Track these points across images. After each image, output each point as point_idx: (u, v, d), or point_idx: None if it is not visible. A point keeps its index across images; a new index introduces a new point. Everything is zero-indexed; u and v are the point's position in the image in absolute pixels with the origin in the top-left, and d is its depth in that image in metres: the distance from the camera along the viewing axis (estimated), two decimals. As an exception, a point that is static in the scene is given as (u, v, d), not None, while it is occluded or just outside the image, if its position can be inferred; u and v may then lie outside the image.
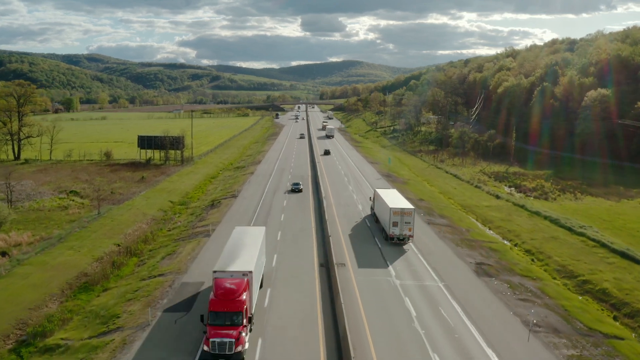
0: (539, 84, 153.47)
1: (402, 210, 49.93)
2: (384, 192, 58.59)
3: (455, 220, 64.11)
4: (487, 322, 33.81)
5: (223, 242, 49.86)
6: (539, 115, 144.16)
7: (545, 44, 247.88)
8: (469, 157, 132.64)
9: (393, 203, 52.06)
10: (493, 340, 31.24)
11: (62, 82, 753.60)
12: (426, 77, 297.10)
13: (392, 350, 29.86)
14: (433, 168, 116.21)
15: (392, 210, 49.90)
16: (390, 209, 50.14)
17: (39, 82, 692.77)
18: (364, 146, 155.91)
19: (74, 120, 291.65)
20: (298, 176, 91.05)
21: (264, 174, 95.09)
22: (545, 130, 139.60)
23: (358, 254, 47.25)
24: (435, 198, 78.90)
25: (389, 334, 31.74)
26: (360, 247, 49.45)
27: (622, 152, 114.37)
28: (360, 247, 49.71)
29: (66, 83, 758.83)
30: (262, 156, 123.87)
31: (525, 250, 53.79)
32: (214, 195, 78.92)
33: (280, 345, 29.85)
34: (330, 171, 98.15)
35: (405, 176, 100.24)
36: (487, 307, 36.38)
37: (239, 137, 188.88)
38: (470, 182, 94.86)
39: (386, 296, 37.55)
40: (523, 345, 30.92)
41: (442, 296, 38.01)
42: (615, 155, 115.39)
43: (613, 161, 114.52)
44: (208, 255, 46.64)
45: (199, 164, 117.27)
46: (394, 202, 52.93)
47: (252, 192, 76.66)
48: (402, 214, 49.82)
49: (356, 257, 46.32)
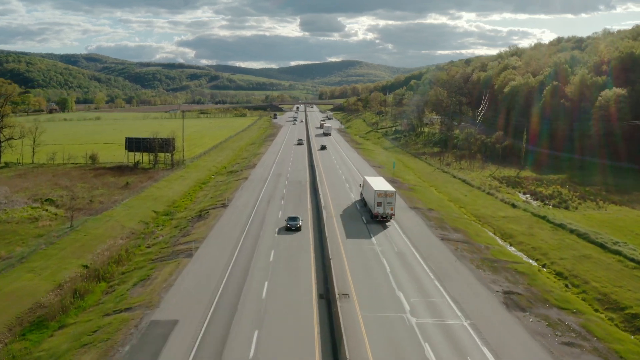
0: (548, 83, 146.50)
1: (385, 192, 58.62)
2: (370, 179, 66.85)
3: (471, 234, 57.00)
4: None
5: (205, 265, 42.93)
6: (549, 115, 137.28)
7: (550, 42, 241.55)
8: (476, 160, 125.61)
9: (378, 187, 60.43)
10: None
11: (59, 82, 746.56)
12: (428, 76, 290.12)
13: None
14: (439, 172, 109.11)
15: (377, 192, 58.41)
16: (375, 191, 58.69)
17: (36, 82, 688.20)
18: (365, 148, 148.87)
19: (67, 121, 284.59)
20: (295, 182, 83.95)
21: (258, 179, 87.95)
22: (555, 132, 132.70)
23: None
24: (445, 207, 71.77)
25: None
26: (353, 240, 42.55)
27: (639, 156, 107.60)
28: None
29: (63, 83, 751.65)
30: (258, 159, 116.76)
31: (556, 273, 46.65)
32: (203, 204, 71.77)
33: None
34: (330, 176, 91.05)
35: (410, 181, 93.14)
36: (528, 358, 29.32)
37: (234, 139, 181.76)
38: (482, 189, 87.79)
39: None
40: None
41: (470, 344, 30.91)
42: (633, 159, 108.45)
43: (631, 165, 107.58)
44: (186, 283, 39.54)
45: (191, 167, 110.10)
46: (379, 186, 61.35)
47: (245, 201, 69.52)
48: (385, 196, 58.36)
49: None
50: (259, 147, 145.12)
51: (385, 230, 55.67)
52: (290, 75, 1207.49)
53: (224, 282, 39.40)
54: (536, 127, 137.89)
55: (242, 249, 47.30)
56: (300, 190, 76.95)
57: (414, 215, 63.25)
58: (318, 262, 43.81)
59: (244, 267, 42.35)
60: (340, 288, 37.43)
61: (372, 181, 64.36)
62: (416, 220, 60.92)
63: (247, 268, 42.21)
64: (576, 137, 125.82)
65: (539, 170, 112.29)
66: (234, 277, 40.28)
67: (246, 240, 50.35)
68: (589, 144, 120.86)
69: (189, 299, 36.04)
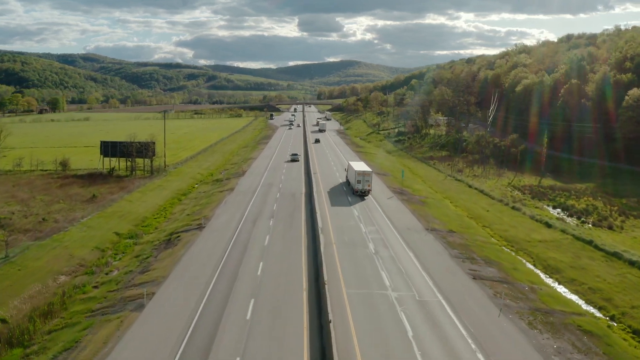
0: (566, 81, 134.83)
1: (363, 172, 72.35)
2: (354, 163, 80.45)
3: (507, 268, 45.09)
4: None
5: (157, 325, 31.00)
6: (568, 116, 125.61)
7: (559, 39, 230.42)
8: (490, 165, 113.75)
9: (358, 168, 74.69)
10: None
11: (54, 82, 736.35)
12: (431, 74, 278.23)
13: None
14: (451, 180, 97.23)
15: (357, 172, 72.08)
16: (355, 171, 72.44)
17: (31, 81, 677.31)
18: (366, 152, 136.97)
19: (54, 122, 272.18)
20: (288, 195, 71.98)
21: (246, 190, 75.96)
22: (575, 134, 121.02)
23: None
24: (467, 227, 59.86)
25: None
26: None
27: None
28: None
29: (59, 83, 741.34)
30: (249, 165, 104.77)
31: (632, 331, 34.80)
32: (177, 224, 59.78)
33: None
34: (329, 185, 79.09)
35: (421, 192, 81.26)
36: None
37: (227, 141, 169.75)
38: (504, 201, 75.94)
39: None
40: None
41: None
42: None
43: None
44: (126, 355, 27.64)
45: (173, 175, 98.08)
46: (359, 167, 75.41)
47: (226, 221, 57.55)
48: (363, 175, 71.78)
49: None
50: (252, 151, 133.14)
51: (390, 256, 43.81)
52: (289, 75, 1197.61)
53: (178, 355, 27.53)
54: (553, 129, 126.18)
55: (211, 298, 35.34)
56: (294, 206, 64.98)
57: (433, 240, 51.32)
58: (313, 328, 31.76)
59: (210, 333, 30.34)
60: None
61: (354, 165, 78.38)
62: (436, 247, 49.00)
63: (214, 333, 30.24)
64: (600, 140, 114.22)
65: (562, 178, 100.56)
66: (195, 348, 28.36)
67: (219, 283, 38.34)
68: (614, 148, 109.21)
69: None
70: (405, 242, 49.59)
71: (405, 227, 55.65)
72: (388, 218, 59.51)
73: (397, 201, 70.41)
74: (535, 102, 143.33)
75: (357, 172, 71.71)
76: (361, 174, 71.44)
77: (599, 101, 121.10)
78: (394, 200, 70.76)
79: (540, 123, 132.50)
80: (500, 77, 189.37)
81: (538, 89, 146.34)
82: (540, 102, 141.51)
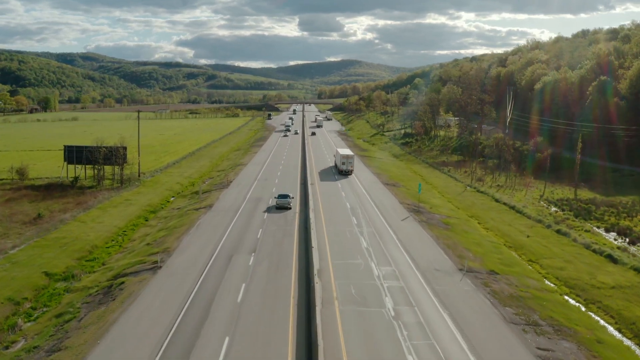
0: (594, 78, 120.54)
1: (347, 155, 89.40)
2: (340, 150, 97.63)
3: (588, 341, 30.83)
4: None
5: None
6: (597, 117, 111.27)
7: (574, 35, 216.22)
8: (512, 172, 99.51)
9: (343, 152, 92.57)
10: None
11: (51, 81, 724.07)
12: (437, 72, 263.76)
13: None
14: (472, 192, 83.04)
15: (342, 155, 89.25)
16: (341, 155, 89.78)
17: (28, 80, 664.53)
18: (371, 155, 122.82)
19: (39, 122, 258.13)
20: (279, 217, 57.88)
21: (227, 208, 61.78)
22: (608, 138, 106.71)
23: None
24: (511, 264, 45.56)
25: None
26: None
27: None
28: None
29: (56, 82, 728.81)
30: (237, 173, 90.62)
31: None
32: (129, 259, 45.60)
33: None
34: (328, 202, 64.88)
35: (440, 208, 67.08)
36: None
37: (218, 143, 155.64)
38: (544, 222, 61.76)
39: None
40: None
41: None
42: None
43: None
44: None
45: (147, 185, 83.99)
46: (344, 152, 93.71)
47: (191, 257, 43.38)
48: (347, 158, 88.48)
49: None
50: (243, 155, 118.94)
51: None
52: (289, 75, 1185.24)
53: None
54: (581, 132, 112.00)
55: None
56: (284, 232, 50.77)
57: (473, 291, 37.02)
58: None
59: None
60: None
61: (340, 151, 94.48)
62: (480, 304, 34.74)
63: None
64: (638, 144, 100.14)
65: (597, 189, 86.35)
66: None
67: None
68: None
69: None
70: (435, 295, 35.40)
71: (431, 267, 41.48)
72: (406, 251, 45.34)
73: (414, 224, 56.22)
74: (559, 101, 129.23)
75: (342, 156, 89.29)
76: (345, 157, 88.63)
77: (634, 100, 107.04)
78: (411, 223, 56.57)
79: (566, 124, 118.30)
80: (514, 74, 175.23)
81: (560, 87, 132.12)
82: (564, 101, 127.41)
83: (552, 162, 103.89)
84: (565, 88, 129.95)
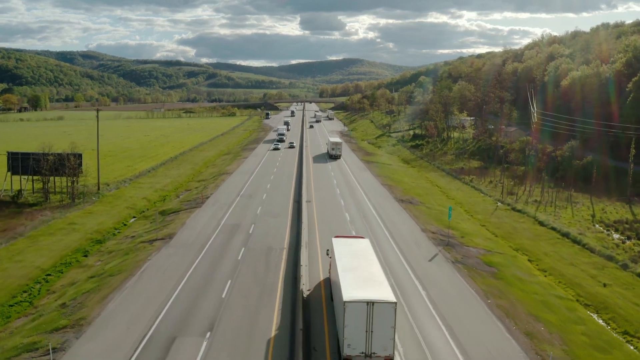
0: (633, 73, 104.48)
1: (335, 143, 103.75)
2: (331, 138, 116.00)
3: None
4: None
5: None
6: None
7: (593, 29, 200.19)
8: (545, 183, 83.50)
9: (332, 139, 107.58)
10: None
11: (48, 79, 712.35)
12: (446, 69, 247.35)
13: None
14: (507, 210, 66.94)
15: (331, 142, 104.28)
16: (331, 142, 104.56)
17: (24, 78, 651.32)
18: (379, 162, 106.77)
19: (22, 121, 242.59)
20: (260, 251, 41.92)
21: (191, 241, 45.81)
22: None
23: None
24: (605, 346, 29.67)
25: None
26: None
27: None
28: None
29: (53, 80, 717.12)
30: (218, 185, 74.70)
31: None
32: (17, 340, 29.78)
33: None
34: (326, 223, 49.10)
35: (475, 238, 51.11)
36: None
37: (207, 145, 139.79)
38: (612, 257, 45.86)
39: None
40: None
41: None
42: None
43: None
44: None
45: (105, 202, 68.13)
46: (333, 139, 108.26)
47: (113, 337, 27.56)
48: (335, 144, 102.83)
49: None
50: (232, 161, 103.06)
51: None
52: (291, 74, 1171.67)
53: None
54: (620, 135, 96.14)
55: None
56: (263, 289, 34.82)
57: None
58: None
59: None
60: None
61: (331, 138, 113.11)
62: None
63: None
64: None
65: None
66: None
67: None
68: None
69: None
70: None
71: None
72: (448, 329, 29.36)
73: (447, 268, 40.25)
74: (592, 98, 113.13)
75: (332, 142, 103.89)
76: (334, 144, 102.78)
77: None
78: (442, 267, 40.58)
79: (603, 126, 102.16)
80: (532, 69, 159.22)
81: (591, 83, 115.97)
82: (598, 99, 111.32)
83: (591, 171, 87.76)
84: (598, 84, 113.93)
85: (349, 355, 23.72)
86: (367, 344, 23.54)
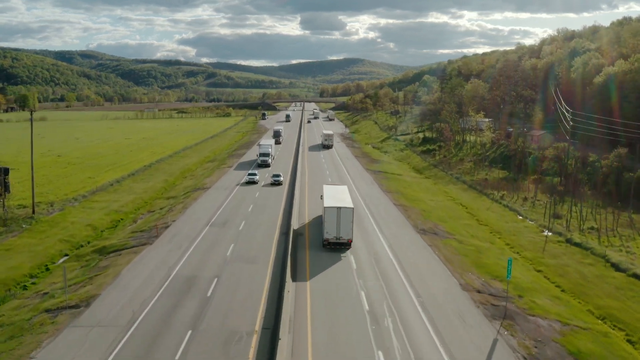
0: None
1: (327, 134, 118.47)
2: (325, 131, 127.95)
3: None
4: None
5: None
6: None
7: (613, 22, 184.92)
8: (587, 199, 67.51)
9: (325, 132, 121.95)
10: None
11: (45, 79, 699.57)
12: (455, 66, 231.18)
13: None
14: (562, 245, 50.76)
15: (324, 134, 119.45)
16: (323, 134, 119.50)
17: (20, 78, 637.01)
18: (388, 172, 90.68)
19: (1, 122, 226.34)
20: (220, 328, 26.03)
21: (114, 314, 29.93)
22: None
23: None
24: None
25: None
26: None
27: None
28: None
29: (49, 80, 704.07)
30: (186, 207, 58.61)
31: None
32: None
33: None
34: (321, 282, 33.21)
35: (535, 295, 35.10)
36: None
37: (190, 150, 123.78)
38: None
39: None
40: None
41: None
42: None
43: None
44: None
45: (36, 230, 52.12)
46: (326, 131, 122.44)
47: None
48: (327, 136, 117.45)
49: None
50: (212, 172, 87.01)
51: None
52: (291, 74, 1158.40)
53: None
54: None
55: None
56: None
57: None
58: None
59: None
60: None
61: (324, 131, 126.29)
62: None
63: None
64: None
65: None
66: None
67: None
68: None
69: None
70: None
71: None
72: None
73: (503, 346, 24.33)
74: (633, 98, 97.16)
75: (324, 134, 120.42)
76: (326, 136, 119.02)
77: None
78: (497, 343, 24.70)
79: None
80: (555, 66, 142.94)
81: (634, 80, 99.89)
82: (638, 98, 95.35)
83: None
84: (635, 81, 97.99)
85: (327, 238, 41.90)
86: (337, 232, 41.67)
